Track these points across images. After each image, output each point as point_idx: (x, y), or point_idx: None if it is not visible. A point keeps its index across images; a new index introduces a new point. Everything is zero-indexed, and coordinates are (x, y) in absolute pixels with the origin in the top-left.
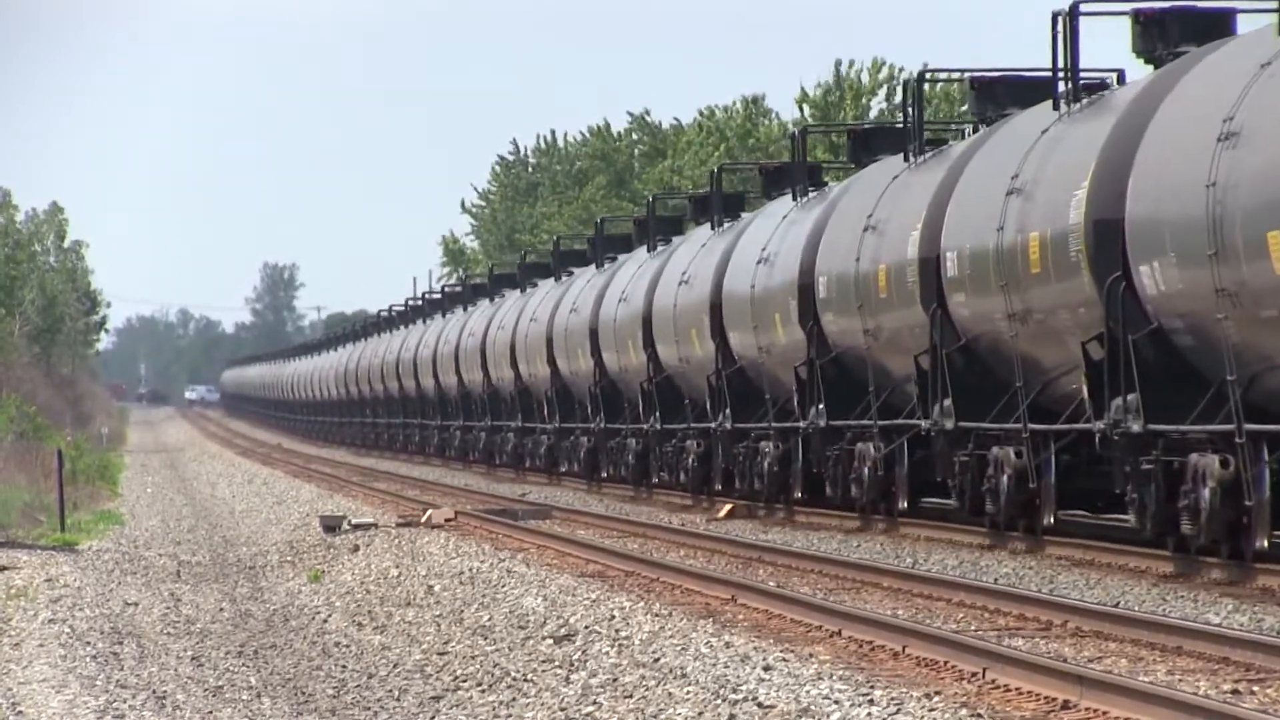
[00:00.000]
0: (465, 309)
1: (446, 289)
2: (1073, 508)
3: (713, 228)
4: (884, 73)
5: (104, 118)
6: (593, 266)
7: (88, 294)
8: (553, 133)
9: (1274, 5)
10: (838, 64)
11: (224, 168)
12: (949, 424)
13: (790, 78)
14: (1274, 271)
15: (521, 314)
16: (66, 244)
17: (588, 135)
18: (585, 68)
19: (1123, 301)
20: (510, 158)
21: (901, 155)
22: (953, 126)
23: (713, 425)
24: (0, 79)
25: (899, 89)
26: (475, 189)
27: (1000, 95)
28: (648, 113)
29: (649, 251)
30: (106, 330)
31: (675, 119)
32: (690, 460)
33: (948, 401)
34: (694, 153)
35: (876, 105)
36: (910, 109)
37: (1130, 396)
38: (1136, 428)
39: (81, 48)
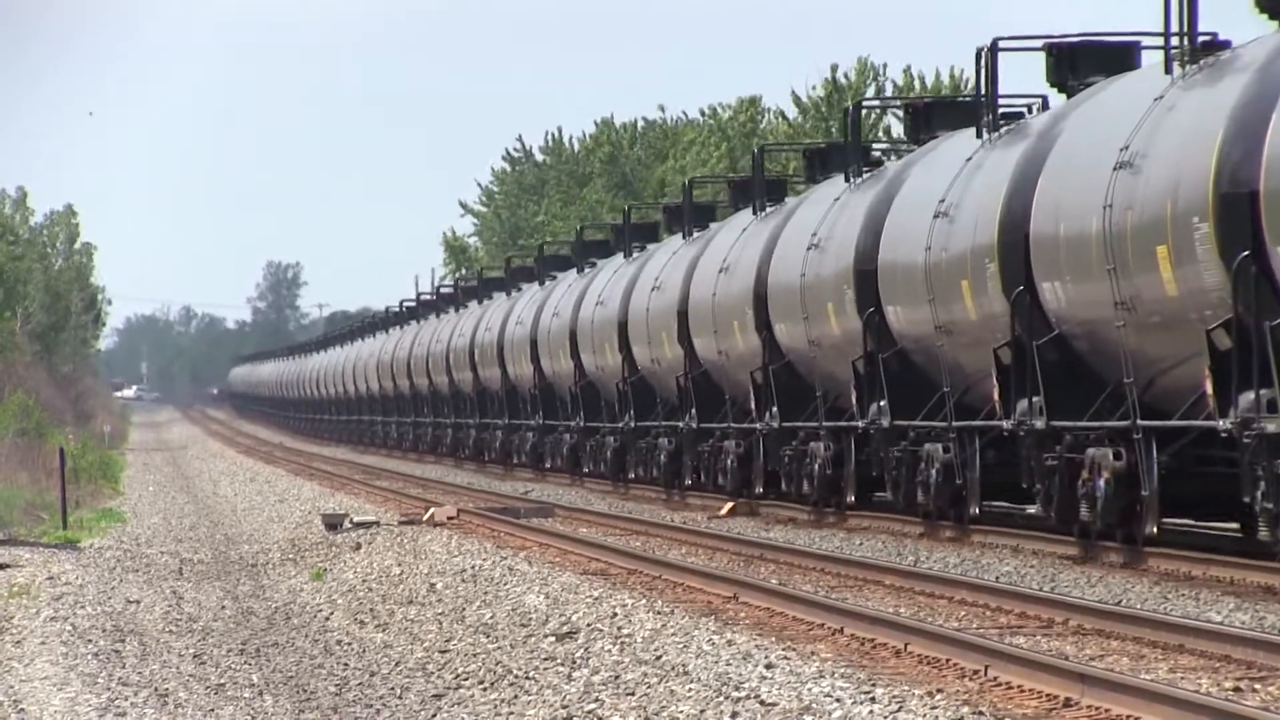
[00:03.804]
0: (480, 303)
1: (461, 283)
2: (1172, 515)
3: (754, 212)
4: (869, 73)
5: (108, 117)
6: (619, 256)
7: (89, 292)
8: (559, 130)
9: None
10: (833, 68)
11: (227, 166)
12: (1039, 424)
13: (797, 77)
14: None
15: (542, 307)
16: (76, 245)
17: (596, 127)
18: (588, 67)
19: (1255, 283)
20: (516, 153)
21: (974, 131)
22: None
23: (758, 424)
24: (7, 81)
25: (888, 86)
26: (479, 184)
27: (1081, 63)
28: (662, 109)
29: (684, 238)
30: (103, 324)
31: (683, 112)
32: (730, 461)
33: (1037, 399)
34: (695, 153)
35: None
36: (983, 81)
37: (1263, 391)
38: (1273, 427)
39: (86, 46)
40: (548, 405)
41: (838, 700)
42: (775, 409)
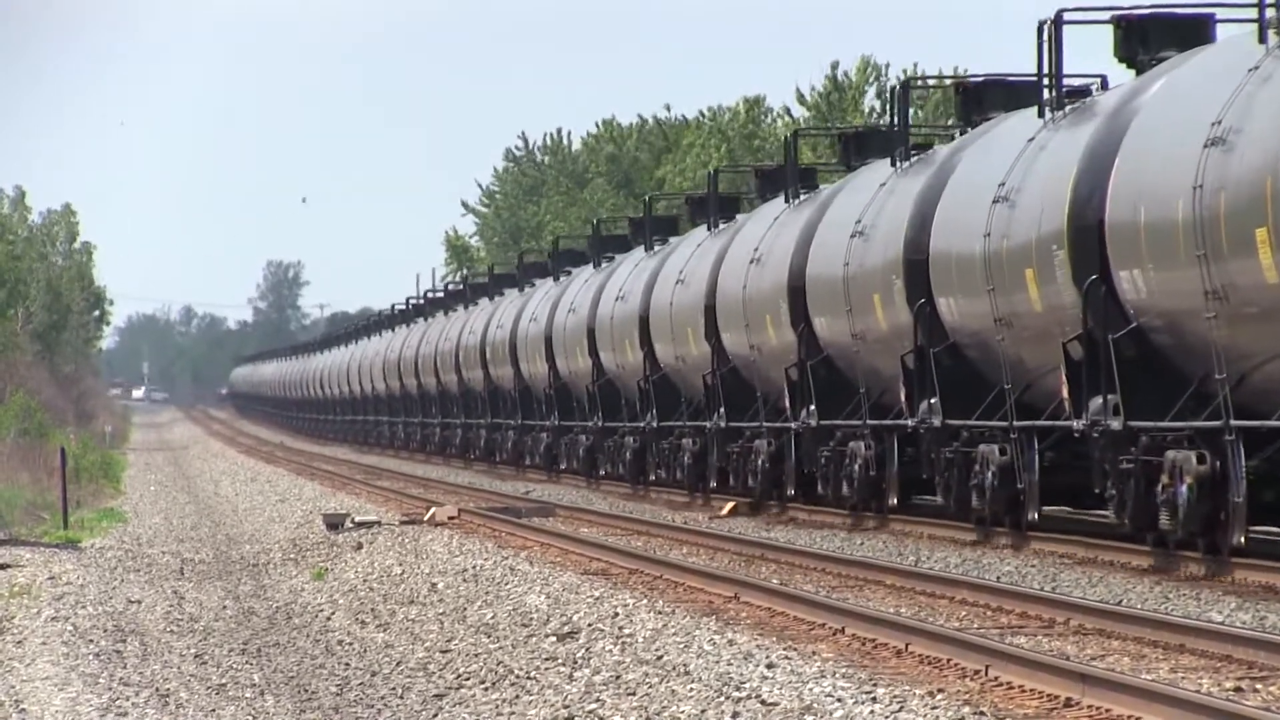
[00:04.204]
0: (491, 299)
1: (469, 280)
2: (1260, 523)
3: (787, 200)
4: (870, 71)
5: (107, 116)
6: (639, 250)
7: (93, 292)
8: (559, 130)
9: None
10: (834, 66)
11: (227, 165)
12: (1115, 424)
13: (799, 76)
14: None
15: (558, 303)
16: (76, 245)
17: (598, 127)
18: (589, 67)
19: None
20: (518, 152)
21: (1034, 111)
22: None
23: (793, 423)
24: (7, 81)
25: (888, 84)
26: (480, 185)
27: (1152, 37)
28: (668, 108)
29: (709, 230)
30: (107, 324)
31: (682, 114)
32: (760, 462)
33: (1111, 397)
34: (695, 154)
35: (867, 104)
36: (1047, 57)
37: None
38: None
39: (86, 46)
40: (563, 405)
41: (839, 700)
42: (812, 407)
